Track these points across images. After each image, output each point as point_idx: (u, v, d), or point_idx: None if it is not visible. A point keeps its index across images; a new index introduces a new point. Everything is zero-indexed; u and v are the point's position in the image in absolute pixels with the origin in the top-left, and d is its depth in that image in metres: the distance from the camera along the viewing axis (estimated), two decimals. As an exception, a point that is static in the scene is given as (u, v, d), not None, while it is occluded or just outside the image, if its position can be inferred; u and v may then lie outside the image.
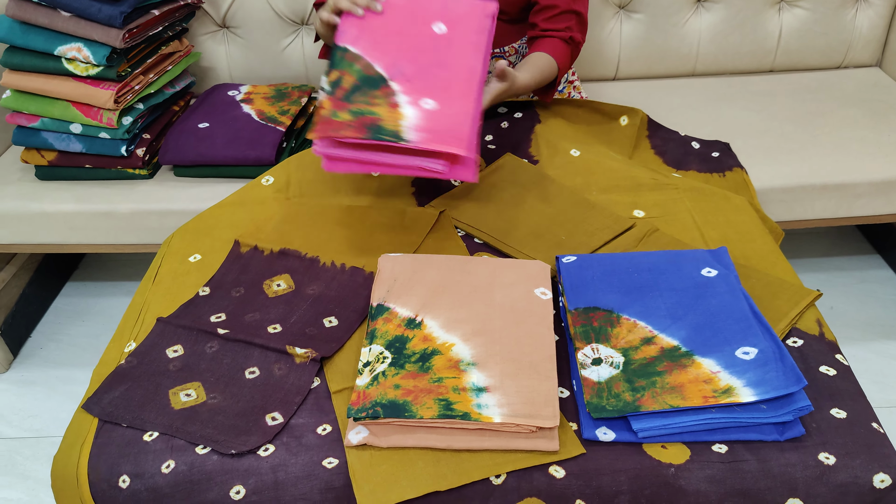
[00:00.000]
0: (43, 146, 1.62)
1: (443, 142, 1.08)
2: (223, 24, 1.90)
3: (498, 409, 0.89)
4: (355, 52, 1.19)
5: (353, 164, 1.11)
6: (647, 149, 1.53)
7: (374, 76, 1.16)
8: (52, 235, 1.65)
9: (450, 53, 1.20)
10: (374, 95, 1.14)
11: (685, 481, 0.87)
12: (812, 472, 0.87)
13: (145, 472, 0.89)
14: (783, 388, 0.88)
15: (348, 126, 1.09)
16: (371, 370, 0.96)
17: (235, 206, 1.35)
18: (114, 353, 1.07)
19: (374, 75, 1.16)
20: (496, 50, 1.56)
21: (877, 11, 1.90)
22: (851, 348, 1.76)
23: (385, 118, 1.11)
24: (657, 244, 1.21)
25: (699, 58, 1.95)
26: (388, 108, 1.13)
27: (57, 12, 1.50)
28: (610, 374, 0.94)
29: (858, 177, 1.56)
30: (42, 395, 1.76)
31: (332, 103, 1.12)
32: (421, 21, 1.24)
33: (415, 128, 1.10)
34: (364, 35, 1.21)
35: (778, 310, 1.07)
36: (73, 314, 2.01)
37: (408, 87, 1.16)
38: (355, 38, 1.20)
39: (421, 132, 1.09)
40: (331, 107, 1.12)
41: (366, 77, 1.16)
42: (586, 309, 1.04)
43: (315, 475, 0.89)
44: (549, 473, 0.87)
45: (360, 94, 1.14)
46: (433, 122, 1.11)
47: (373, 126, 1.09)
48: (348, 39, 1.20)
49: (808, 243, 2.10)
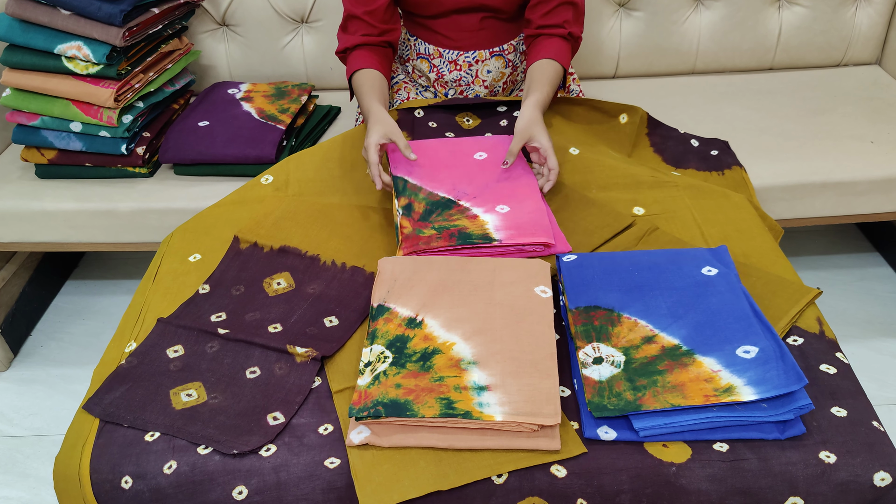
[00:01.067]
0: (43, 144, 1.61)
1: (530, 234, 1.18)
2: (223, 22, 1.90)
3: (499, 408, 0.89)
4: (414, 182, 1.29)
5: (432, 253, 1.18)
6: (647, 147, 1.53)
7: (441, 200, 1.26)
8: (53, 234, 1.64)
9: (499, 171, 1.31)
10: (450, 214, 1.23)
11: (686, 480, 0.87)
12: (813, 470, 0.87)
13: (147, 472, 0.89)
14: (784, 387, 0.88)
15: (435, 238, 1.17)
16: (372, 370, 0.96)
17: (235, 204, 1.35)
18: (114, 353, 1.07)
19: (441, 199, 1.26)
20: (495, 49, 1.56)
21: (876, 9, 1.90)
22: (850, 346, 1.76)
23: (469, 226, 1.20)
24: (657, 242, 1.21)
25: (699, 56, 1.94)
26: (467, 219, 1.22)
27: (57, 10, 1.50)
28: (611, 372, 0.94)
29: (858, 175, 1.56)
30: (42, 394, 1.76)
31: (411, 223, 1.20)
32: (461, 154, 1.36)
33: (499, 228, 1.19)
34: (415, 169, 1.31)
35: (778, 308, 1.07)
36: (74, 313, 2.01)
37: (476, 201, 1.26)
38: (409, 170, 1.31)
39: (507, 230, 1.19)
40: (412, 225, 1.20)
41: (434, 202, 1.25)
42: (587, 308, 1.04)
43: (317, 475, 0.89)
44: (550, 473, 0.87)
45: (437, 216, 1.22)
46: (514, 220, 1.21)
47: (460, 234, 1.18)
48: (403, 171, 1.31)
49: (807, 241, 2.10)
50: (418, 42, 1.58)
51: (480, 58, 1.56)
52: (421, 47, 1.58)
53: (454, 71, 1.57)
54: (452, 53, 1.56)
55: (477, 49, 1.55)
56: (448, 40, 1.55)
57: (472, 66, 1.57)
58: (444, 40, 1.55)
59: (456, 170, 1.32)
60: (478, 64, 1.57)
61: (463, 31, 1.53)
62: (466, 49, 1.55)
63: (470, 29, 1.53)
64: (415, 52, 1.60)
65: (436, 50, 1.57)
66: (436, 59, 1.58)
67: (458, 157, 1.35)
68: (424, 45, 1.58)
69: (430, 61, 1.58)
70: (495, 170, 1.32)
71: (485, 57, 1.56)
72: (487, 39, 1.55)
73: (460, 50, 1.55)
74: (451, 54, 1.56)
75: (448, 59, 1.56)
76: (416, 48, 1.60)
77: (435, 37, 1.56)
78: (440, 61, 1.57)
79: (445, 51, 1.56)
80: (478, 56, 1.56)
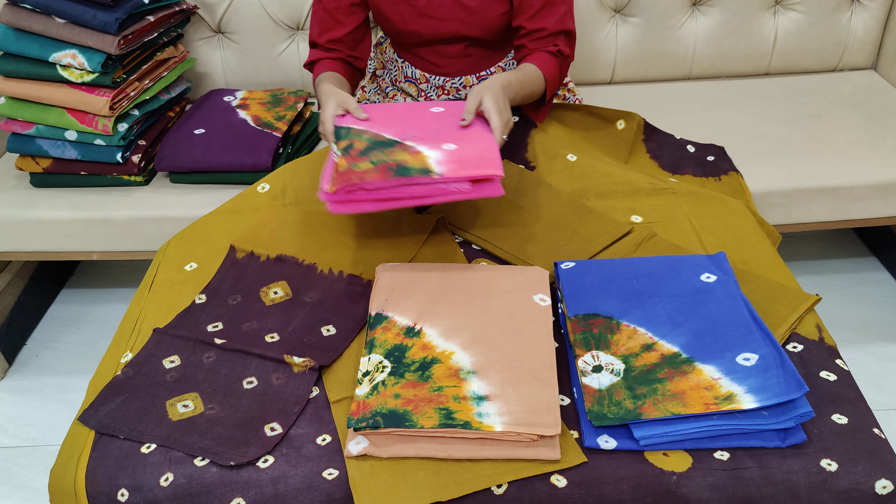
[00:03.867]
0: (38, 153, 1.61)
1: (474, 168, 1.06)
2: (218, 29, 1.90)
3: (499, 418, 0.89)
4: (360, 128, 1.18)
5: (365, 204, 1.08)
6: (643, 153, 1.52)
7: (385, 140, 1.14)
8: (48, 242, 1.64)
9: (455, 122, 1.20)
10: (391, 151, 1.11)
11: (687, 489, 0.86)
12: (814, 478, 0.86)
13: (144, 485, 0.89)
14: (784, 395, 0.88)
15: (371, 172, 1.06)
16: (370, 380, 0.95)
17: (231, 213, 1.35)
18: (110, 363, 1.06)
19: (386, 140, 1.14)
20: (482, 73, 1.55)
21: (871, 14, 1.90)
22: (848, 351, 1.76)
23: (409, 160, 1.08)
24: (655, 249, 1.21)
25: (695, 61, 1.95)
26: (409, 154, 1.10)
27: (51, 19, 1.50)
28: (611, 381, 0.94)
29: (855, 180, 1.56)
30: (38, 404, 1.75)
31: (348, 160, 1.09)
32: (416, 108, 1.27)
33: (441, 161, 1.08)
34: (365, 123, 1.21)
35: (777, 315, 1.07)
36: (69, 321, 2.00)
37: (423, 141, 1.14)
38: (357, 122, 1.21)
39: (449, 164, 1.07)
40: (348, 162, 1.09)
41: (377, 141, 1.14)
42: (586, 315, 1.03)
43: (315, 487, 0.88)
44: (550, 483, 0.87)
45: (377, 152, 1.11)
46: (458, 154, 1.10)
47: (398, 167, 1.06)
48: (350, 122, 1.20)
49: (804, 246, 2.10)
50: (405, 65, 1.58)
51: (467, 83, 1.55)
52: (408, 70, 1.57)
53: (442, 96, 1.57)
54: (439, 79, 1.55)
55: (463, 75, 1.54)
56: (434, 66, 1.54)
57: (459, 91, 1.55)
58: (430, 66, 1.54)
59: (407, 120, 1.22)
60: (465, 89, 1.55)
61: (447, 58, 1.52)
62: (453, 75, 1.54)
63: (454, 56, 1.51)
64: (402, 75, 1.59)
65: (422, 75, 1.56)
66: (423, 84, 1.57)
67: (412, 109, 1.27)
68: (412, 68, 1.57)
69: (417, 85, 1.58)
70: (448, 119, 1.22)
71: (472, 82, 1.54)
72: (472, 65, 1.53)
73: (446, 76, 1.54)
74: (437, 80, 1.55)
75: (434, 84, 1.56)
76: (403, 70, 1.59)
77: (421, 62, 1.55)
78: (427, 86, 1.57)
79: (432, 77, 1.55)
80: (464, 81, 1.55)
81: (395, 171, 1.06)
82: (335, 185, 1.05)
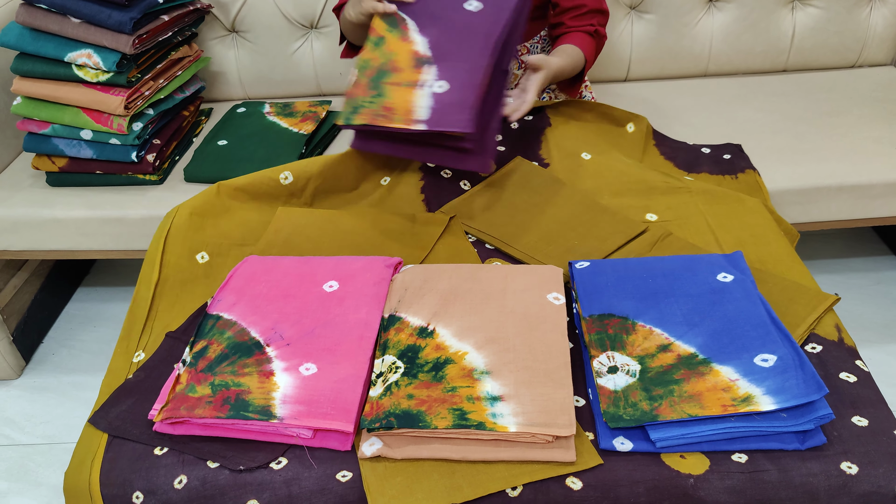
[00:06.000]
0: (54, 153, 1.61)
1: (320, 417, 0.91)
2: (232, 28, 1.90)
3: (513, 418, 0.88)
4: (229, 318, 1.06)
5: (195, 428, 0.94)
6: (657, 155, 1.51)
7: (245, 345, 1.02)
8: (64, 241, 1.64)
9: (339, 311, 1.06)
10: (243, 364, 0.99)
11: (705, 492, 0.85)
12: (834, 481, 0.85)
13: (158, 487, 0.89)
14: (804, 397, 0.87)
15: (204, 403, 0.93)
16: (384, 381, 0.95)
17: (247, 196, 1.33)
18: (121, 361, 1.07)
19: (246, 344, 1.02)
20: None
21: (891, 10, 1.87)
22: (868, 351, 1.74)
23: (254, 389, 0.95)
24: (671, 248, 1.20)
25: (711, 58, 1.93)
26: (258, 376, 0.97)
27: (67, 19, 1.50)
28: (626, 382, 0.93)
29: (874, 177, 1.53)
30: (54, 402, 1.76)
31: (189, 376, 0.98)
32: (309, 281, 1.11)
33: (288, 399, 0.93)
34: (242, 301, 1.09)
35: (796, 315, 1.05)
36: (85, 320, 2.01)
37: (287, 349, 1.01)
38: (231, 304, 1.08)
39: (295, 405, 0.92)
40: (187, 381, 0.97)
41: (236, 344, 1.02)
42: (601, 316, 1.02)
43: (329, 489, 0.88)
44: (566, 485, 0.86)
45: (228, 364, 0.99)
46: (311, 390, 0.95)
47: (236, 401, 0.93)
48: (223, 307, 1.08)
49: (822, 245, 2.08)
50: None
51: None
52: None
53: None
54: None
55: None
56: None
57: None
58: None
59: (290, 302, 1.08)
60: None
61: None
62: None
63: None
64: None
65: None
66: None
67: (302, 283, 1.11)
68: None
69: None
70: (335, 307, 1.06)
71: None
72: None
73: None
74: None
75: None
76: None
77: None
78: None
79: None
80: None
81: (231, 408, 0.92)
82: (166, 412, 0.93)
